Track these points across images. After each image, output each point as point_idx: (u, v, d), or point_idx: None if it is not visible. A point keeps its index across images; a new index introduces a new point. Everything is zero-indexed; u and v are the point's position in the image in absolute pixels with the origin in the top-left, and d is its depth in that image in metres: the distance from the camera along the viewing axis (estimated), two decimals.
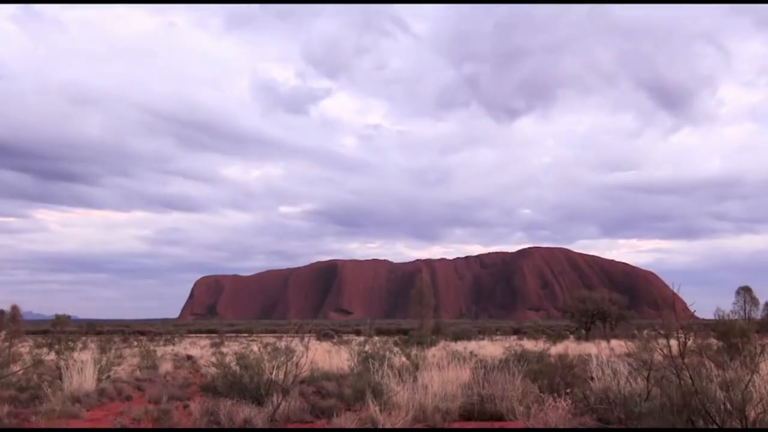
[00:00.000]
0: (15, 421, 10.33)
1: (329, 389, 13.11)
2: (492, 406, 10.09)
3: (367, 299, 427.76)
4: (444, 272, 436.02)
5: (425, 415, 9.60)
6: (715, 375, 7.75)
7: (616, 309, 60.48)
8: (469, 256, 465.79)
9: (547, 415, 8.56)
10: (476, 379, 11.25)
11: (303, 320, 22.80)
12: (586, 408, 9.28)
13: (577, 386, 10.66)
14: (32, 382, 14.45)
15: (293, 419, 10.05)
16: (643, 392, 8.75)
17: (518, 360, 12.92)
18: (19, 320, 22.99)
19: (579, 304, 61.78)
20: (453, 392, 10.67)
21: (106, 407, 12.35)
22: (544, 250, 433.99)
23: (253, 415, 9.32)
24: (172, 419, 9.97)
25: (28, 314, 64.12)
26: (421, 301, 60.60)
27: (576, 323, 62.92)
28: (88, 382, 13.89)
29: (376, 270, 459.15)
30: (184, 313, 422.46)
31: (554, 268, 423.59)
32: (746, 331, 17.58)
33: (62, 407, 11.17)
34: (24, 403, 12.35)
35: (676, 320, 7.67)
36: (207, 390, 11.52)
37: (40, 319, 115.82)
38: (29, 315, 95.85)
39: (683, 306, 8.26)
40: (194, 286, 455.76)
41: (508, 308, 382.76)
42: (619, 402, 8.85)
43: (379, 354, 16.43)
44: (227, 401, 9.77)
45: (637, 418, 8.27)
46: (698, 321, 42.12)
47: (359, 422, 8.93)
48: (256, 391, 10.68)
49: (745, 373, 7.50)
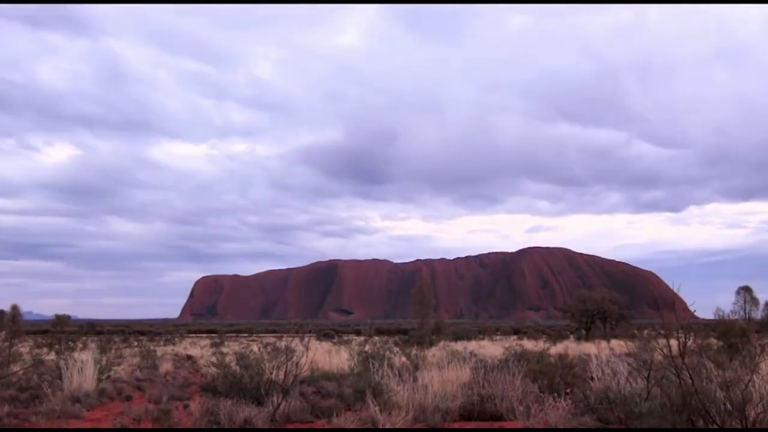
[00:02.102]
0: (15, 421, 10.33)
1: (329, 389, 13.12)
2: (492, 406, 10.08)
3: (367, 299, 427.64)
4: (444, 272, 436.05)
5: (425, 415, 9.59)
6: (715, 375, 7.75)
7: (616, 309, 60.45)
8: (469, 256, 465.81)
9: (547, 415, 8.56)
10: (476, 379, 11.24)
11: (303, 320, 22.81)
12: (586, 408, 9.28)
13: (577, 386, 10.66)
14: (32, 382, 14.46)
15: (293, 419, 10.05)
16: (643, 392, 8.76)
17: (518, 360, 12.91)
18: (19, 320, 23.02)
19: (579, 303, 61.76)
20: (453, 392, 10.66)
21: (106, 407, 12.35)
22: (543, 249, 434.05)
23: (253, 415, 9.32)
24: (172, 419, 9.97)
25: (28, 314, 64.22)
26: (421, 301, 60.56)
27: (576, 323, 62.90)
28: (88, 382, 13.89)
29: (376, 270, 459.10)
30: (184, 313, 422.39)
31: (554, 268, 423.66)
32: (746, 331, 17.58)
33: (62, 407, 11.17)
34: (24, 403, 12.35)
35: (676, 320, 7.67)
36: (207, 390, 11.52)
37: (40, 319, 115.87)
38: (29, 315, 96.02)
39: (683, 306, 8.27)
40: (194, 286, 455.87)
41: (508, 308, 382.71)
42: (619, 402, 8.85)
43: (379, 354, 16.43)
44: (227, 401, 9.77)
45: (637, 418, 8.28)
46: (698, 321, 42.22)
47: (359, 422, 8.93)
48: (256, 391, 10.68)
49: (745, 373, 7.51)
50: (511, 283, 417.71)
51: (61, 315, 67.65)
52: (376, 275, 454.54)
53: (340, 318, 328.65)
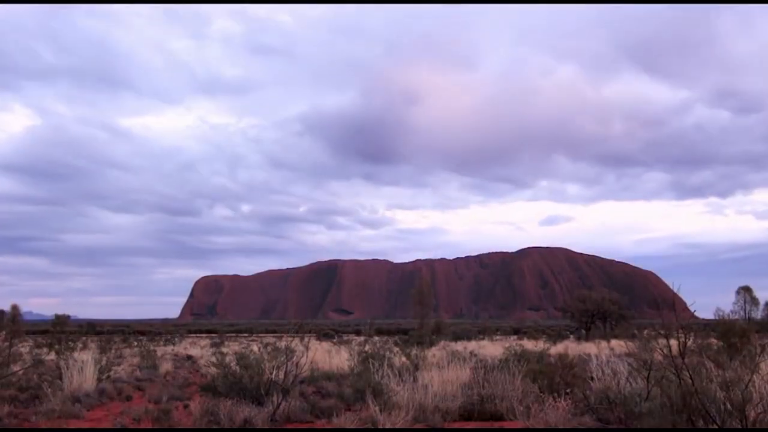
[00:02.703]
0: (15, 421, 10.33)
1: (329, 389, 13.12)
2: (492, 406, 10.08)
3: (367, 299, 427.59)
4: (444, 272, 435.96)
5: (425, 415, 9.59)
6: (715, 375, 7.74)
7: (616, 309, 60.51)
8: (469, 256, 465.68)
9: (547, 415, 8.56)
10: (476, 379, 11.24)
11: (303, 320, 22.81)
12: (586, 408, 9.28)
13: (577, 386, 10.65)
14: (32, 382, 14.46)
15: (293, 419, 10.06)
16: (643, 392, 8.76)
17: (518, 360, 12.91)
18: (19, 320, 22.94)
19: (579, 304, 61.82)
20: (453, 392, 10.66)
21: (106, 407, 12.35)
22: (543, 249, 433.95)
23: (254, 415, 9.32)
24: (172, 419, 9.97)
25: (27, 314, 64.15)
26: (421, 301, 60.53)
27: (576, 323, 62.98)
28: (88, 382, 13.89)
29: (376, 270, 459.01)
30: (184, 313, 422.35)
31: (554, 268, 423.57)
32: (746, 331, 17.56)
33: (62, 407, 11.17)
34: (24, 403, 12.35)
35: (676, 320, 7.67)
36: (207, 390, 11.51)
37: (39, 319, 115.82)
38: (29, 315, 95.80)
39: (683, 306, 8.26)
40: (194, 286, 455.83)
41: (508, 308, 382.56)
42: (619, 402, 8.85)
43: (379, 354, 16.42)
44: (227, 401, 9.77)
45: (637, 418, 8.28)
46: (698, 321, 42.17)
47: (359, 422, 8.93)
48: (256, 391, 10.67)
49: (745, 373, 7.50)
50: (511, 283, 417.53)
51: (61, 315, 67.62)
52: (376, 275, 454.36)
53: (340, 318, 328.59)
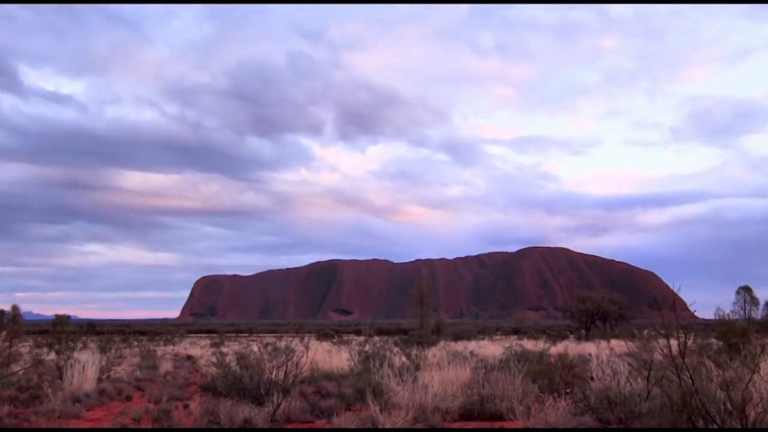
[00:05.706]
0: (15, 421, 10.33)
1: (329, 389, 13.12)
2: (492, 406, 10.08)
3: (366, 299, 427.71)
4: (444, 272, 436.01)
5: (425, 415, 9.59)
6: (715, 375, 7.74)
7: (616, 309, 60.54)
8: (469, 256, 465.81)
9: (547, 414, 8.56)
10: (476, 378, 11.25)
11: (303, 320, 22.81)
12: (586, 408, 9.27)
13: (577, 386, 10.66)
14: (32, 382, 14.46)
15: (293, 419, 10.06)
16: (643, 392, 8.75)
17: (518, 360, 12.92)
18: (19, 320, 22.86)
19: (579, 303, 61.84)
20: (453, 392, 10.67)
21: (107, 407, 12.35)
22: (543, 249, 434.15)
23: (254, 415, 9.31)
24: (172, 419, 9.97)
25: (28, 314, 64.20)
26: (421, 300, 60.55)
27: (576, 323, 62.98)
28: (88, 382, 13.90)
29: (376, 270, 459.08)
30: (184, 313, 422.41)
31: (554, 268, 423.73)
32: (746, 331, 17.56)
33: (62, 407, 11.16)
34: (24, 403, 12.35)
35: (676, 320, 7.66)
36: (207, 390, 11.51)
37: (40, 319, 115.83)
38: (29, 315, 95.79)
39: (683, 306, 8.26)
40: (194, 286, 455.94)
41: (508, 308, 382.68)
42: (619, 402, 8.84)
43: (379, 354, 16.43)
44: (227, 401, 9.77)
45: (637, 418, 8.28)
46: (698, 321, 42.25)
47: (359, 422, 8.92)
48: (256, 391, 10.67)
49: (745, 373, 7.50)
50: (511, 283, 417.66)
51: (61, 315, 67.67)
52: (375, 275, 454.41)
53: (340, 318, 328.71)
